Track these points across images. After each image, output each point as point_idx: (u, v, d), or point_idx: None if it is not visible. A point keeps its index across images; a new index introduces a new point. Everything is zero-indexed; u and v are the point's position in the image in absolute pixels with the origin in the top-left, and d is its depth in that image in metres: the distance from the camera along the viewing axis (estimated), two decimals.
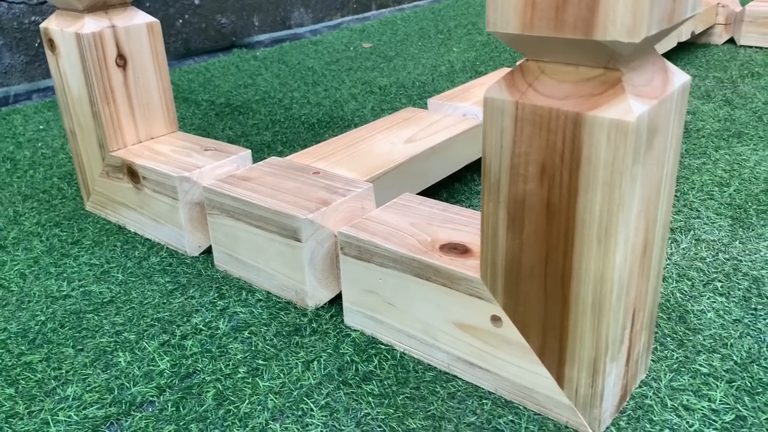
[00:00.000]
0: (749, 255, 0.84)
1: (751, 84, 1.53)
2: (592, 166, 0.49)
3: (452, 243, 0.67)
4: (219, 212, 0.83)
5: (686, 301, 0.76)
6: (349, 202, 0.77)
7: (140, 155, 0.94)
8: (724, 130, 1.26)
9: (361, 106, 1.52)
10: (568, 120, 0.49)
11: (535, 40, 0.49)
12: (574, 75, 0.50)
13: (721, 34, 1.91)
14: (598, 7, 0.45)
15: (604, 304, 0.53)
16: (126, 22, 0.93)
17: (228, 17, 2.12)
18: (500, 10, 0.49)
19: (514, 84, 0.52)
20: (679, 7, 0.48)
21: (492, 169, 0.55)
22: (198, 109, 1.54)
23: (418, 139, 0.97)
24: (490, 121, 0.54)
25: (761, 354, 0.67)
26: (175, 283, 0.84)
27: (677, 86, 0.52)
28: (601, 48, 0.46)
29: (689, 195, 1.01)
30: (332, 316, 0.76)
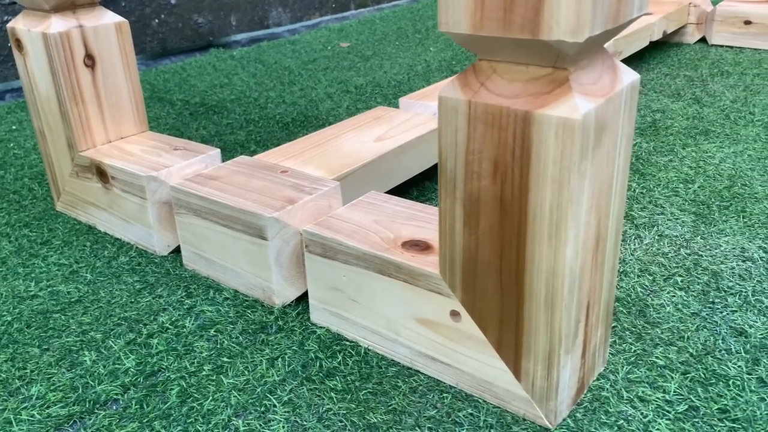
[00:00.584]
0: (710, 250, 0.86)
1: (720, 83, 1.56)
2: (541, 163, 0.51)
3: (414, 240, 0.67)
4: (186, 211, 0.83)
5: (647, 295, 0.77)
6: (316, 201, 0.78)
7: (109, 155, 0.94)
8: (692, 128, 1.28)
9: (336, 105, 1.53)
10: (518, 118, 0.50)
11: (486, 40, 0.50)
12: (524, 74, 0.51)
13: (693, 33, 1.94)
14: (543, 8, 0.46)
15: (556, 298, 0.54)
16: (94, 21, 0.93)
17: (205, 17, 2.11)
18: (451, 11, 0.50)
19: (467, 83, 0.53)
20: (625, 8, 0.49)
21: (448, 166, 0.56)
22: (172, 109, 1.54)
23: (388, 137, 0.98)
24: (445, 119, 0.55)
25: (716, 346, 0.68)
26: (143, 283, 0.85)
27: (626, 84, 0.53)
28: (547, 48, 0.48)
29: (655, 192, 1.03)
30: (299, 313, 0.77)
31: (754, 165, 1.11)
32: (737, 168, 1.10)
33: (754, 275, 0.80)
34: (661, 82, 1.57)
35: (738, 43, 1.86)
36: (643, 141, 1.23)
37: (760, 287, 0.78)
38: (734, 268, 0.82)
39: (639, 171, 1.10)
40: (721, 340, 0.69)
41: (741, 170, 1.09)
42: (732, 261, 0.83)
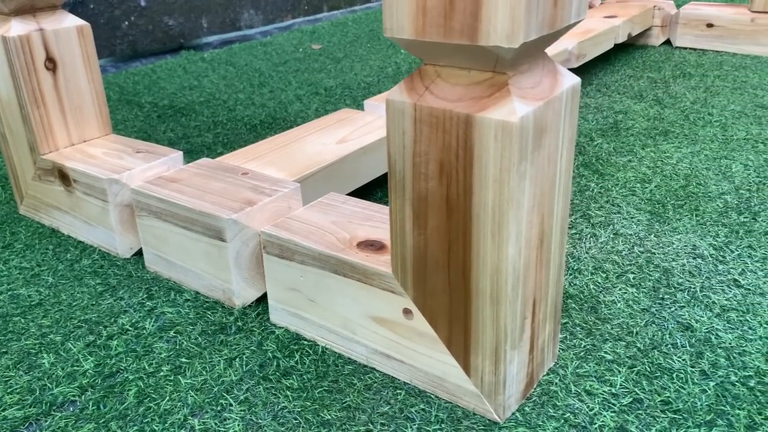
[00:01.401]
0: (662, 248, 0.88)
1: (682, 84, 1.59)
2: (483, 164, 0.52)
3: (369, 240, 0.69)
4: (147, 214, 0.84)
5: (599, 292, 0.79)
6: (276, 202, 0.79)
7: (71, 158, 0.94)
8: (652, 129, 1.31)
9: (305, 107, 1.54)
10: (460, 121, 0.52)
11: (428, 46, 0.52)
12: (466, 78, 0.53)
13: (657, 35, 1.98)
14: (481, 15, 0.48)
15: (501, 295, 0.56)
16: (55, 25, 0.93)
17: (176, 19, 2.11)
18: (395, 17, 0.52)
19: (413, 87, 0.55)
20: (561, 14, 0.51)
21: (396, 168, 0.58)
22: (141, 111, 1.54)
23: (350, 139, 0.99)
24: (392, 122, 0.56)
25: (663, 341, 0.70)
26: (105, 285, 0.85)
27: (566, 88, 0.55)
28: (486, 53, 0.49)
29: (613, 191, 1.05)
30: (258, 314, 0.78)
31: (709, 165, 1.14)
32: (693, 168, 1.13)
33: (704, 272, 0.83)
34: (625, 84, 1.61)
35: (701, 45, 1.90)
36: (604, 141, 1.25)
37: (708, 283, 0.80)
38: (685, 265, 0.84)
39: (598, 171, 1.13)
40: (668, 335, 0.71)
41: (697, 170, 1.12)
42: (683, 258, 0.86)
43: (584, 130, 1.32)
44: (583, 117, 1.39)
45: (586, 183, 1.08)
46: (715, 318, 0.74)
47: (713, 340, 0.70)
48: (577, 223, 0.96)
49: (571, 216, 0.98)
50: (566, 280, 0.82)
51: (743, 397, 0.63)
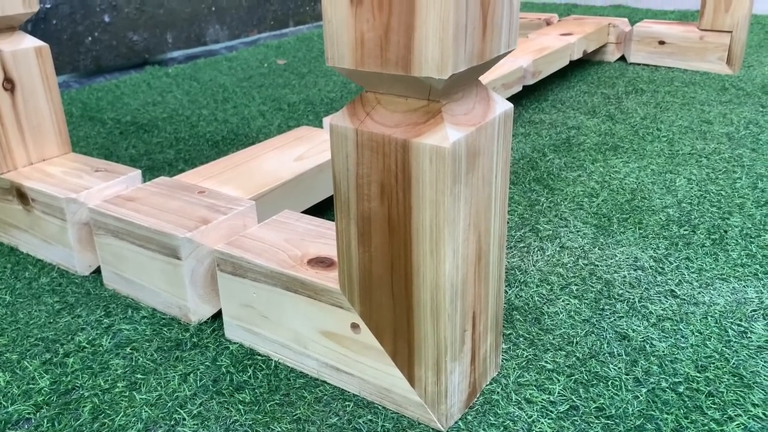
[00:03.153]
0: (605, 260, 0.92)
1: (634, 100, 1.65)
2: (420, 186, 0.55)
3: (320, 257, 0.71)
4: (105, 232, 0.85)
5: (543, 303, 0.83)
6: (230, 220, 0.81)
7: (30, 177, 0.95)
8: (603, 144, 1.36)
9: (268, 123, 1.56)
10: (398, 146, 0.55)
11: (367, 75, 0.55)
12: (403, 105, 0.56)
13: (613, 52, 2.04)
14: (413, 47, 0.51)
15: (440, 309, 0.59)
16: (13, 46, 0.94)
17: (140, 34, 2.12)
18: (336, 48, 0.55)
19: (355, 113, 0.58)
20: (491, 47, 0.54)
21: (341, 188, 0.60)
22: (103, 128, 1.54)
23: (308, 157, 1.02)
24: (336, 146, 0.59)
25: (601, 350, 0.74)
26: (63, 303, 0.86)
27: (498, 113, 0.59)
28: (420, 82, 0.52)
29: (561, 205, 1.09)
30: (214, 330, 0.79)
31: (655, 179, 1.19)
32: (640, 182, 1.18)
33: (643, 283, 0.87)
34: (580, 100, 1.66)
35: (654, 61, 1.97)
36: (556, 157, 1.30)
37: (646, 294, 0.84)
38: (626, 277, 0.88)
39: (549, 186, 1.17)
40: (606, 344, 0.75)
41: (643, 184, 1.17)
42: (624, 270, 0.90)
43: (538, 145, 1.36)
44: (537, 133, 1.44)
45: (536, 197, 1.13)
46: (650, 327, 0.78)
47: (648, 348, 0.74)
48: (526, 236, 1.00)
49: (521, 230, 1.02)
50: (512, 292, 0.86)
51: (672, 402, 0.66)
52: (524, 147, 1.36)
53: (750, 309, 0.81)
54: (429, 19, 0.49)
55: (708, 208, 1.07)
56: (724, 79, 1.80)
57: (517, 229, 1.02)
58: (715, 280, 0.87)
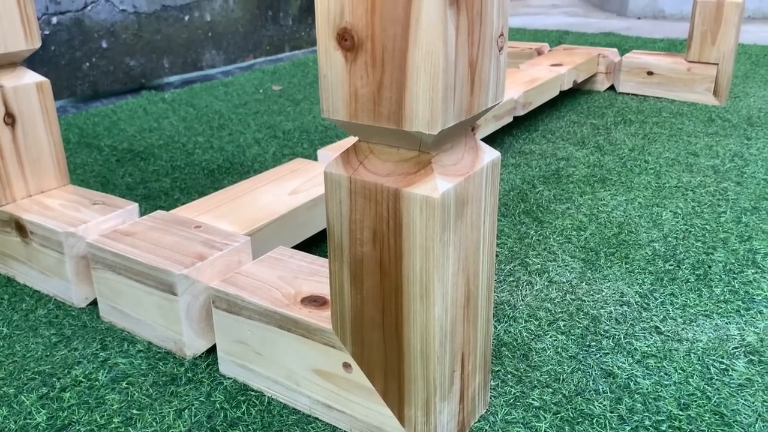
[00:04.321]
0: (592, 295, 0.95)
1: (622, 131, 1.69)
2: (411, 233, 0.57)
3: (313, 296, 0.73)
4: (102, 267, 0.87)
5: (531, 339, 0.85)
6: (226, 257, 0.83)
7: (28, 210, 0.97)
8: (591, 176, 1.39)
9: (263, 151, 1.58)
10: (390, 194, 0.57)
11: (361, 127, 0.57)
12: (395, 156, 0.58)
13: (602, 81, 2.08)
14: (404, 104, 0.53)
15: (430, 351, 0.61)
16: (14, 81, 0.97)
17: (137, 60, 2.15)
18: (331, 101, 0.57)
19: (348, 161, 0.60)
20: (478, 101, 0.57)
21: (335, 233, 0.63)
22: (100, 155, 1.56)
23: (302, 190, 1.04)
24: (330, 192, 0.61)
25: (587, 387, 0.76)
26: (59, 336, 0.87)
27: (486, 163, 0.61)
28: (411, 136, 0.55)
29: (550, 239, 1.12)
30: (208, 365, 0.81)
31: (642, 212, 1.21)
32: (627, 215, 1.20)
33: (629, 319, 0.89)
34: (569, 130, 1.69)
35: (642, 91, 2.01)
36: (546, 189, 1.33)
37: (631, 330, 0.86)
38: (612, 313, 0.90)
39: (538, 219, 1.19)
40: (591, 381, 0.77)
41: (630, 217, 1.19)
42: (610, 306, 0.92)
43: (528, 177, 1.39)
44: (527, 164, 1.47)
45: (526, 230, 1.15)
46: (635, 364, 0.80)
47: (632, 386, 0.76)
48: (515, 270, 1.02)
49: (510, 263, 1.04)
50: (502, 327, 0.87)
51: None
52: (514, 178, 1.39)
53: (732, 346, 0.83)
54: (419, 80, 0.52)
55: (693, 242, 1.10)
56: (710, 110, 1.84)
57: (507, 262, 1.04)
58: (699, 317, 0.89)
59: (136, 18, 2.12)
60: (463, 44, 0.53)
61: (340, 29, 0.54)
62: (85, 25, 1.98)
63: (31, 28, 0.96)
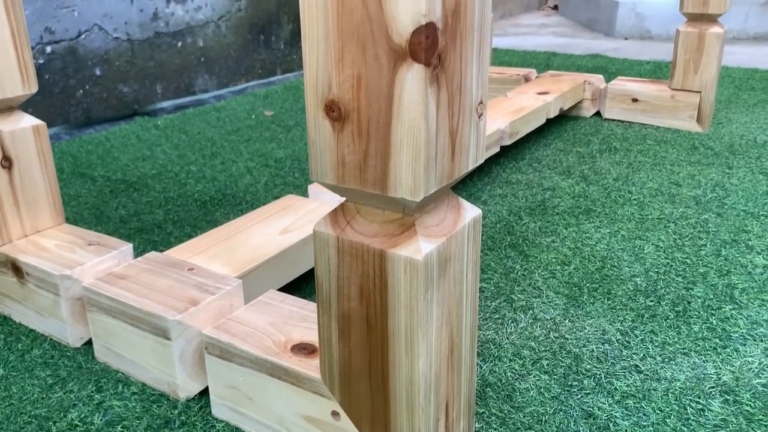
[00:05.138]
0: (575, 333, 0.97)
1: (607, 159, 1.72)
2: (396, 291, 0.60)
3: (303, 343, 0.76)
4: (98, 310, 0.89)
5: (515, 379, 0.88)
6: (218, 300, 0.85)
7: (25, 251, 0.99)
8: (576, 207, 1.42)
9: (255, 181, 1.61)
10: (375, 254, 0.60)
11: (348, 191, 0.60)
12: (381, 217, 0.61)
13: (588, 108, 2.12)
14: (389, 172, 0.56)
15: (415, 402, 0.63)
16: (12, 126, 0.99)
17: (130, 86, 2.17)
18: (320, 165, 0.60)
19: (336, 221, 0.63)
20: (459, 166, 0.60)
21: (324, 288, 0.65)
22: (93, 186, 1.58)
23: (293, 230, 1.06)
24: (319, 249, 0.64)
25: (568, 428, 0.79)
26: (55, 377, 0.89)
27: (468, 221, 0.64)
28: (396, 200, 0.58)
29: (535, 274, 1.15)
30: (201, 407, 0.83)
31: (624, 246, 1.25)
32: (610, 249, 1.23)
33: (609, 357, 0.92)
34: (555, 159, 1.73)
35: (628, 117, 2.05)
36: (531, 221, 1.36)
37: (612, 369, 0.89)
38: (593, 351, 0.93)
39: (524, 253, 1.22)
40: (572, 423, 0.80)
41: (613, 251, 1.22)
42: (592, 344, 0.95)
43: (514, 208, 1.42)
44: (514, 194, 1.50)
45: (511, 265, 1.18)
46: (615, 405, 0.83)
47: (611, 427, 0.79)
48: (500, 307, 1.05)
49: (496, 300, 1.07)
50: (487, 367, 0.90)
51: None
52: (501, 209, 1.42)
53: (708, 386, 0.86)
54: (403, 151, 0.55)
55: (673, 277, 1.13)
56: (694, 138, 1.88)
57: (493, 299, 1.07)
58: (677, 355, 0.92)
59: (130, 45, 2.15)
60: (444, 117, 0.56)
61: (328, 101, 0.57)
62: (79, 53, 2.01)
63: (28, 73, 0.99)
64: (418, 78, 0.52)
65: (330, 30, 0.55)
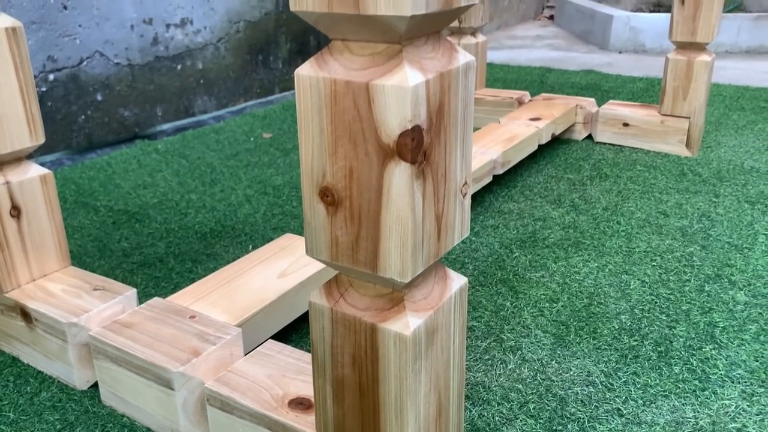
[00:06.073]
0: (561, 374, 1.02)
1: (598, 186, 1.77)
2: (386, 362, 0.64)
3: (299, 398, 0.80)
4: (104, 357, 0.93)
5: (503, 424, 0.92)
6: (219, 351, 0.89)
7: (33, 297, 1.03)
8: (565, 240, 1.46)
9: (254, 211, 1.65)
10: (367, 328, 0.64)
11: (341, 267, 0.64)
12: (372, 290, 0.65)
13: (580, 131, 2.17)
14: (379, 254, 0.60)
15: None
16: (20, 176, 1.03)
17: (131, 110, 2.21)
18: (315, 243, 0.64)
19: (330, 293, 0.67)
20: (445, 244, 0.64)
21: (319, 353, 0.69)
22: (96, 216, 1.62)
23: (290, 272, 1.10)
24: (314, 319, 0.68)
25: None
26: (63, 422, 0.94)
27: (454, 291, 0.68)
28: (385, 279, 0.62)
29: (524, 311, 1.19)
30: None
31: (611, 281, 1.29)
32: (597, 284, 1.28)
33: (593, 400, 0.96)
34: (547, 186, 1.77)
35: (619, 141, 2.10)
36: (522, 254, 1.40)
37: (595, 413, 0.94)
38: (578, 393, 0.98)
39: (514, 289, 1.27)
40: None
41: (600, 287, 1.27)
42: (577, 386, 0.99)
43: (505, 240, 1.47)
44: (506, 225, 1.54)
45: (502, 302, 1.22)
46: None
47: None
48: (490, 348, 1.09)
49: (486, 340, 1.11)
50: (476, 411, 0.94)
51: None
52: (493, 242, 1.46)
53: (686, 430, 0.90)
54: (391, 237, 0.59)
55: (657, 315, 1.17)
56: (683, 163, 1.92)
57: (484, 338, 1.11)
58: (658, 397, 0.97)
59: (130, 70, 2.19)
60: (430, 204, 0.60)
61: (323, 187, 0.61)
62: (81, 79, 2.05)
63: (35, 126, 1.03)
64: (404, 174, 0.56)
65: (324, 126, 0.59)
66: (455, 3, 0.56)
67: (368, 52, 0.56)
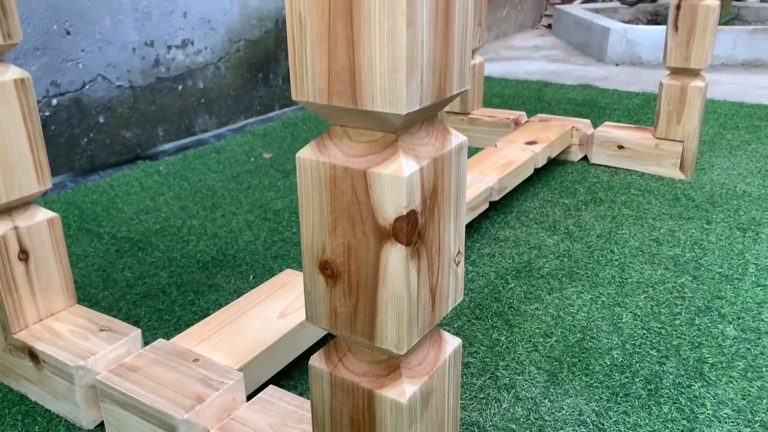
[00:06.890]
0: (553, 414, 1.05)
1: (592, 211, 1.80)
2: (383, 425, 0.67)
3: None
4: (110, 401, 0.96)
5: None
6: (222, 396, 0.92)
7: (40, 338, 1.06)
8: (560, 270, 1.49)
9: (255, 237, 1.68)
10: (365, 392, 0.67)
11: (340, 335, 0.67)
12: (369, 356, 0.68)
13: (576, 152, 2.20)
14: (376, 326, 0.63)
15: None
16: (28, 221, 1.06)
17: (133, 131, 2.24)
18: (315, 312, 0.67)
19: (329, 357, 0.70)
20: (439, 311, 0.67)
21: (318, 413, 0.72)
22: (100, 244, 1.65)
23: (290, 312, 1.13)
24: (314, 380, 0.71)
25: None
26: None
27: (448, 354, 0.71)
28: (382, 350, 0.65)
29: (519, 347, 1.22)
30: None
31: (604, 314, 1.32)
32: (590, 318, 1.31)
33: None
34: (542, 212, 1.80)
35: (614, 163, 2.13)
36: (517, 285, 1.43)
37: None
38: None
39: (509, 322, 1.30)
40: None
41: (593, 320, 1.30)
42: (569, 426, 1.02)
43: (501, 270, 1.50)
44: (501, 253, 1.57)
45: (497, 337, 1.25)
46: None
47: None
48: (485, 386, 1.12)
49: (481, 377, 1.14)
50: None
51: None
52: (489, 271, 1.49)
53: None
54: (388, 311, 0.62)
55: (648, 350, 1.20)
56: (677, 186, 1.95)
57: (479, 375, 1.14)
58: None
59: (132, 92, 2.22)
60: (425, 278, 0.63)
61: (322, 260, 0.64)
62: (83, 103, 2.07)
63: (43, 172, 1.06)
64: (400, 255, 0.59)
65: (324, 205, 0.62)
66: (447, 93, 0.59)
67: (366, 139, 0.59)
